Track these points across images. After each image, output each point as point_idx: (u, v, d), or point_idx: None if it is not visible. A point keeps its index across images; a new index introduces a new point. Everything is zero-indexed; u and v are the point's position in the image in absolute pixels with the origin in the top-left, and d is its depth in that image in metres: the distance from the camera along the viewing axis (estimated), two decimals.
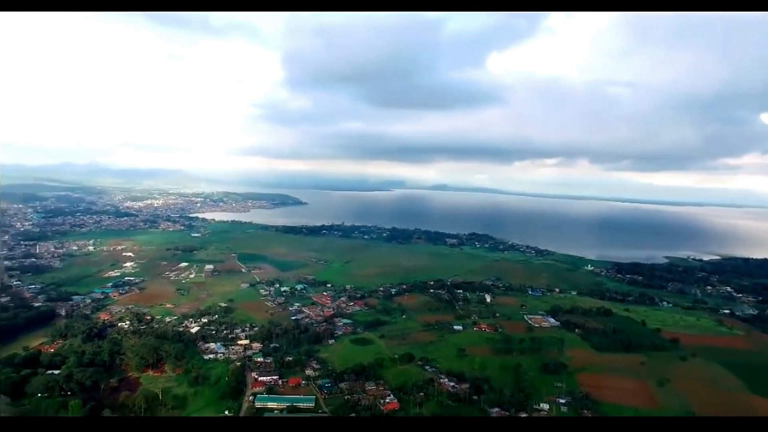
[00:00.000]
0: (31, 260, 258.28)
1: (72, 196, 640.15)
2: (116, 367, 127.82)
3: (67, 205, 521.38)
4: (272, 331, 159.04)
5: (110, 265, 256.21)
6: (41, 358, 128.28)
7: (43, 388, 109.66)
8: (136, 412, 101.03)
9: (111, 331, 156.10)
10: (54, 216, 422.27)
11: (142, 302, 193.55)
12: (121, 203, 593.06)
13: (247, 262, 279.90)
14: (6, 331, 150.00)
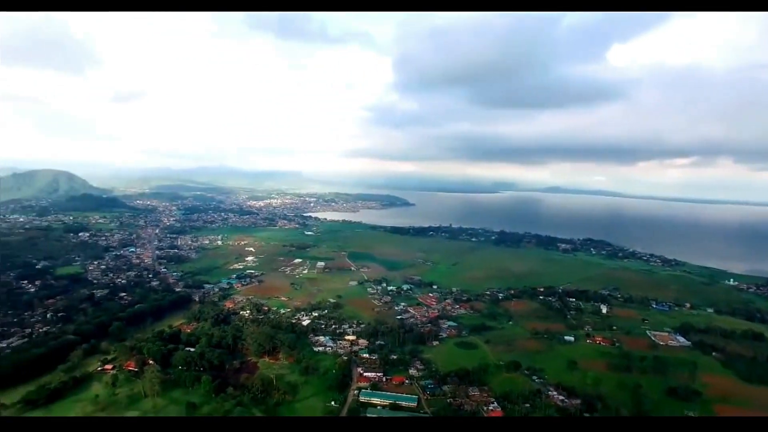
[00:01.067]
0: (174, 251, 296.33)
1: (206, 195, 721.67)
2: (238, 350, 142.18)
3: (201, 203, 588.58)
4: (378, 329, 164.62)
5: (235, 259, 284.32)
6: (181, 336, 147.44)
7: (183, 362, 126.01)
8: (254, 393, 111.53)
9: (234, 318, 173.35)
10: (191, 213, 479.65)
11: (260, 294, 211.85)
12: (244, 202, 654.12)
13: (356, 260, 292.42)
14: (156, 310, 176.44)
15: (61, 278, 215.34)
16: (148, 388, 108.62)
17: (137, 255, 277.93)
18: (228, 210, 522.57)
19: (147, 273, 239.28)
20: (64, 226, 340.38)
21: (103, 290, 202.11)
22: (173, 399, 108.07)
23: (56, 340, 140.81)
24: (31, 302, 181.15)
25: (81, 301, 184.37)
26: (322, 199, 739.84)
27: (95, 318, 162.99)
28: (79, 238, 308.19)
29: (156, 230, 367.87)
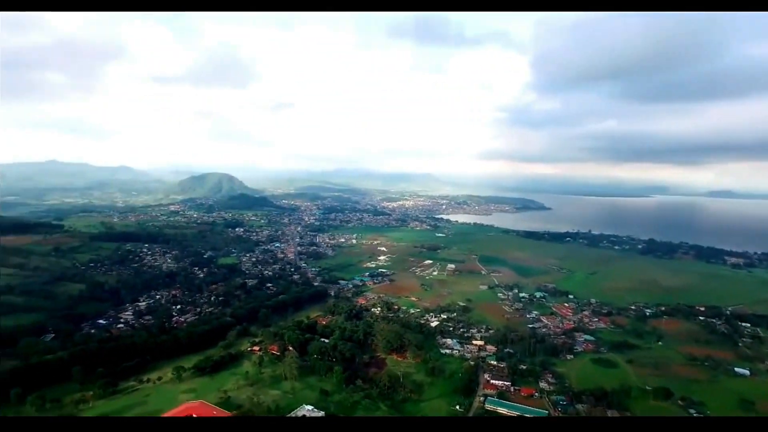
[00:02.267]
0: (313, 248, 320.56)
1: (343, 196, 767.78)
2: (368, 345, 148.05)
3: (338, 203, 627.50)
4: (508, 336, 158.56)
5: (368, 257, 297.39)
6: (317, 328, 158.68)
7: (317, 351, 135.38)
8: (381, 388, 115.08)
9: (366, 315, 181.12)
10: (330, 212, 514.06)
11: (391, 292, 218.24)
12: (379, 203, 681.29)
13: (486, 264, 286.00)
14: (297, 301, 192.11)
15: (221, 267, 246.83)
16: (288, 372, 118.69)
17: (282, 250, 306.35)
18: (363, 210, 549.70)
19: (289, 267, 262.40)
20: (225, 222, 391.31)
21: (253, 280, 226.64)
22: (308, 384, 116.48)
23: (218, 320, 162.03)
24: (200, 286, 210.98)
25: (236, 289, 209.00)
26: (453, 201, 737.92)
27: (247, 304, 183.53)
28: (235, 233, 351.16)
29: (298, 228, 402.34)
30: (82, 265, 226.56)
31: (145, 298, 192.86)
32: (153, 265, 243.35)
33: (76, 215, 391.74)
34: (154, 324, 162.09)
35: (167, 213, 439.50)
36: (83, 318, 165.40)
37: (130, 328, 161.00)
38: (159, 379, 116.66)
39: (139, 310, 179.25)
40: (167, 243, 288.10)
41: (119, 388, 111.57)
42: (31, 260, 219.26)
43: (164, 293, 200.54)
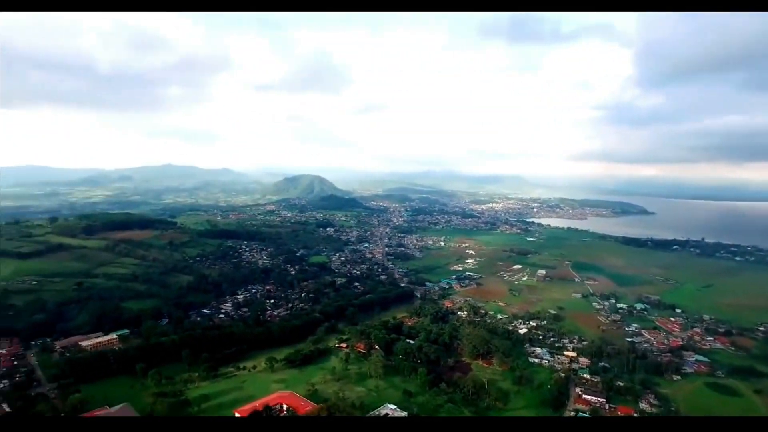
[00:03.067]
0: (401, 249, 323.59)
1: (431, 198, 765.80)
2: (453, 349, 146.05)
3: (426, 205, 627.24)
4: (603, 349, 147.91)
5: (455, 260, 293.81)
6: (403, 328, 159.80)
7: (403, 352, 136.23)
8: (465, 393, 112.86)
9: (452, 318, 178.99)
10: (417, 214, 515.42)
11: (478, 296, 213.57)
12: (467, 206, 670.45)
13: (580, 271, 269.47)
14: (383, 301, 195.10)
15: (312, 265, 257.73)
16: (373, 370, 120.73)
17: (370, 250, 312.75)
18: (451, 212, 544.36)
19: (377, 267, 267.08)
20: (316, 222, 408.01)
21: (341, 279, 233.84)
22: (392, 384, 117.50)
23: (307, 316, 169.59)
24: (292, 283, 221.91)
25: (326, 286, 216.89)
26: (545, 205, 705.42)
27: (335, 302, 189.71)
28: (326, 233, 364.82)
29: (386, 229, 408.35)
30: (190, 258, 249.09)
31: (243, 292, 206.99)
32: (250, 261, 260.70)
33: (186, 213, 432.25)
34: (250, 316, 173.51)
35: (264, 212, 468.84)
36: (191, 306, 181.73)
37: (229, 318, 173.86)
38: (254, 367, 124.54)
39: (238, 303, 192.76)
40: (263, 241, 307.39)
41: (219, 372, 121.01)
42: (150, 253, 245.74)
43: (259, 288, 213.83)
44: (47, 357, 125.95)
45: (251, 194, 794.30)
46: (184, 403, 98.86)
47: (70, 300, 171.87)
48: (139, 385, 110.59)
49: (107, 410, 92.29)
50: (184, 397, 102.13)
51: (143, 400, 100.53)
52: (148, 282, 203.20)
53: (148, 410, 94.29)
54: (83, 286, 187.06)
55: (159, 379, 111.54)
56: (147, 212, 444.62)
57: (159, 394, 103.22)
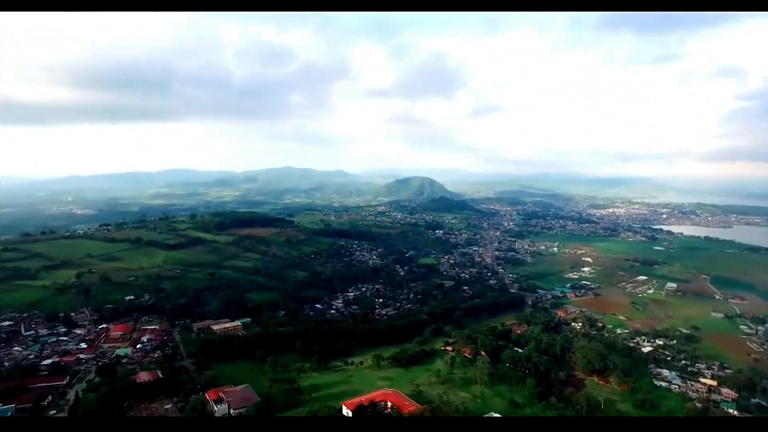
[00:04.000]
0: (511, 254, 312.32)
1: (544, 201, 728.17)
2: (566, 362, 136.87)
3: (540, 209, 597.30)
4: (755, 382, 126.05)
5: (570, 268, 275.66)
6: (511, 336, 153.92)
7: (510, 360, 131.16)
8: (578, 411, 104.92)
9: (564, 329, 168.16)
10: (530, 218, 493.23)
11: (595, 308, 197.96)
12: (585, 210, 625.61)
13: (723, 287, 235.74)
14: (491, 307, 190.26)
15: (421, 267, 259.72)
16: (479, 376, 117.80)
17: (479, 254, 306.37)
18: (566, 217, 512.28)
19: (486, 271, 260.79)
20: (426, 224, 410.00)
21: (450, 281, 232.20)
22: (498, 392, 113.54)
23: (414, 317, 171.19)
24: (401, 283, 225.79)
25: (434, 288, 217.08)
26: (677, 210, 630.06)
27: (443, 304, 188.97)
28: (435, 235, 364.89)
29: (497, 232, 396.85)
30: (306, 255, 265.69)
31: (353, 290, 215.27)
32: (361, 260, 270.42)
33: (302, 213, 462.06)
34: (359, 313, 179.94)
35: (375, 213, 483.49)
36: (305, 300, 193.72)
37: (339, 314, 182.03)
38: (361, 363, 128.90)
39: (348, 300, 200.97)
40: (374, 241, 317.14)
41: (329, 365, 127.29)
42: (271, 249, 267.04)
43: (369, 286, 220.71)
44: (187, 335, 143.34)
45: (363, 195, 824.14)
46: (296, 391, 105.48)
47: (204, 288, 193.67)
48: (258, 369, 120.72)
49: (232, 388, 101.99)
50: (297, 385, 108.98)
51: (261, 383, 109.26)
52: (268, 276, 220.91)
53: (265, 392, 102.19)
54: (215, 276, 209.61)
55: (275, 365, 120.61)
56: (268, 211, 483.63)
57: (275, 380, 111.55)
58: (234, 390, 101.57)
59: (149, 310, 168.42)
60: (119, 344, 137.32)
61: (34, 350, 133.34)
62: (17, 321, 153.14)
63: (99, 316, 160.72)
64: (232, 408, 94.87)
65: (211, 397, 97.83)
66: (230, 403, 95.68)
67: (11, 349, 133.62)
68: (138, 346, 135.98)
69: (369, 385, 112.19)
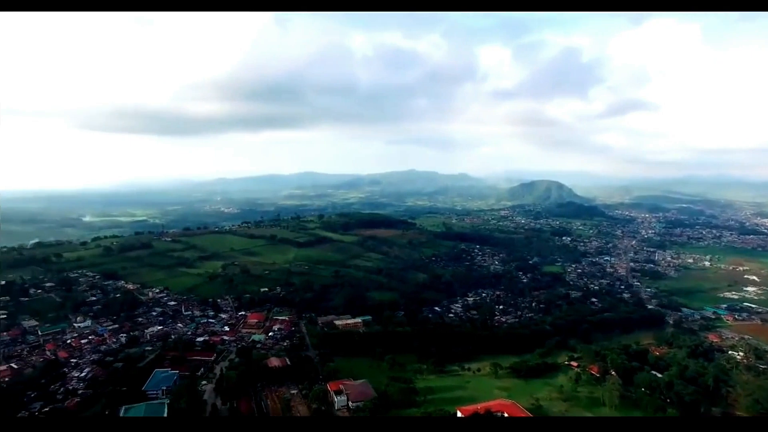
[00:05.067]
0: (650, 266, 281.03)
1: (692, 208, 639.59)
2: (720, 396, 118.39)
3: (686, 217, 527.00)
4: None
5: (727, 286, 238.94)
6: (648, 357, 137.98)
7: (646, 385, 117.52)
8: None
9: (719, 356, 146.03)
10: (673, 227, 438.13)
11: (762, 336, 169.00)
12: (748, 219, 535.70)
13: None
14: (624, 323, 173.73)
15: (545, 275, 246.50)
16: (607, 398, 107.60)
17: (611, 264, 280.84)
18: (723, 226, 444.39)
19: (619, 284, 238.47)
20: (551, 230, 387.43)
21: (577, 292, 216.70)
22: None
23: (536, 327, 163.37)
24: (523, 290, 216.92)
25: (558, 298, 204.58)
26: None
27: (568, 316, 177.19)
28: (561, 242, 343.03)
29: (632, 242, 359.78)
30: (426, 258, 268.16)
31: (473, 294, 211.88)
32: (482, 265, 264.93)
33: (424, 215, 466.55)
34: (478, 319, 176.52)
35: (497, 217, 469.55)
36: (424, 302, 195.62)
37: (458, 318, 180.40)
38: (478, 370, 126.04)
39: (467, 305, 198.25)
40: (496, 246, 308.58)
41: (446, 369, 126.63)
42: (393, 250, 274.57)
43: (489, 292, 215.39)
44: (312, 328, 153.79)
45: (486, 199, 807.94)
46: (412, 391, 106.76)
47: (329, 284, 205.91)
48: (376, 366, 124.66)
49: (351, 382, 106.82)
50: (413, 386, 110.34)
51: (379, 380, 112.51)
52: (389, 276, 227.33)
53: (382, 389, 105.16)
54: (339, 274, 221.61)
55: (393, 364, 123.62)
56: (391, 213, 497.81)
57: (392, 378, 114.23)
58: (353, 384, 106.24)
59: (280, 301, 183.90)
60: (254, 330, 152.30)
61: (191, 328, 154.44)
62: (179, 302, 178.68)
63: (239, 304, 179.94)
64: (350, 401, 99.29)
65: (332, 387, 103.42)
66: (349, 396, 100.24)
67: (176, 325, 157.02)
68: (270, 333, 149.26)
69: (485, 393, 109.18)
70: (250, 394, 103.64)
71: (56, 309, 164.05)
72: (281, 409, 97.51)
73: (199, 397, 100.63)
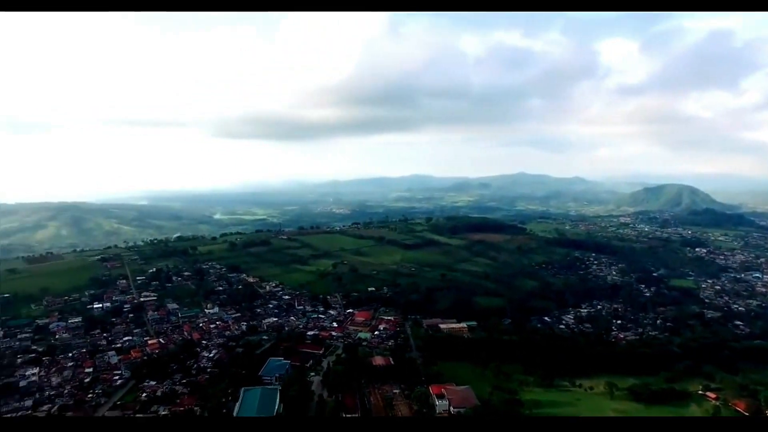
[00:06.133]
0: None
1: None
2: None
3: None
4: None
5: None
6: None
7: None
8: None
9: None
10: None
11: None
12: None
13: None
14: None
15: (673, 289, 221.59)
16: None
17: (763, 282, 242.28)
18: None
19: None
20: (682, 240, 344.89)
21: (714, 312, 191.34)
22: None
23: (662, 347, 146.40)
24: (645, 305, 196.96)
25: (690, 317, 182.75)
26: None
27: (702, 338, 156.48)
28: (695, 253, 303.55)
29: None
30: (536, 265, 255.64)
31: (587, 306, 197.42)
32: (598, 275, 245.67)
33: (535, 221, 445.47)
34: (592, 333, 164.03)
35: (616, 224, 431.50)
36: (532, 311, 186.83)
37: (569, 331, 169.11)
38: (591, 388, 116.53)
39: (580, 316, 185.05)
40: (614, 255, 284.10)
41: (554, 383, 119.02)
42: (501, 255, 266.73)
43: (605, 305, 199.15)
44: (417, 330, 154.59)
45: (604, 204, 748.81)
46: (516, 403, 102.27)
47: (435, 287, 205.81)
48: (479, 373, 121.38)
49: (453, 387, 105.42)
50: (518, 397, 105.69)
51: (482, 388, 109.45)
52: (497, 282, 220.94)
53: (485, 398, 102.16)
54: (446, 277, 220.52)
55: (497, 373, 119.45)
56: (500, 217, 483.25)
57: (496, 387, 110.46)
58: (455, 389, 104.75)
59: (387, 302, 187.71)
60: (361, 328, 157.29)
61: (302, 322, 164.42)
62: (293, 297, 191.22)
63: (347, 302, 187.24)
64: (452, 406, 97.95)
65: (434, 391, 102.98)
66: (451, 401, 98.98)
67: (289, 318, 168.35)
68: (375, 332, 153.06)
69: (598, 414, 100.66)
70: (355, 390, 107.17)
71: (191, 295, 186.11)
72: (384, 407, 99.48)
73: (307, 388, 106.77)
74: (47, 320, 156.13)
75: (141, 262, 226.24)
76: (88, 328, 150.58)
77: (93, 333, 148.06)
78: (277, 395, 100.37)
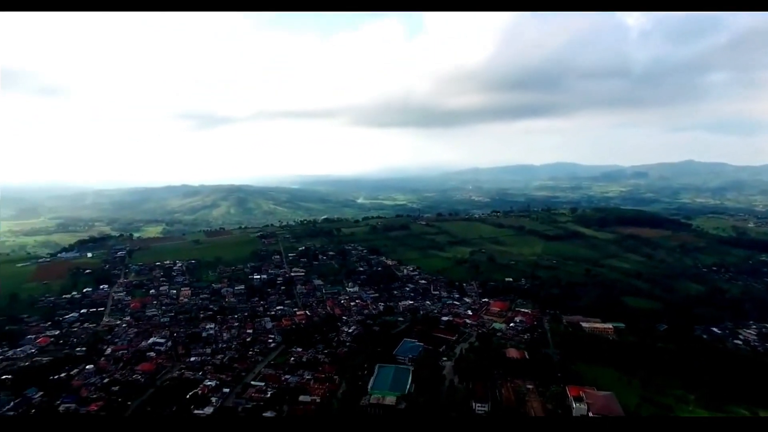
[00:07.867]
0: None
1: None
2: None
3: None
4: None
5: None
6: None
7: None
8: None
9: None
10: None
11: None
12: None
13: None
14: None
15: None
16: None
17: None
18: None
19: None
20: None
21: None
22: None
23: None
24: None
25: None
26: None
27: None
28: None
29: None
30: (704, 267, 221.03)
31: None
32: None
33: (704, 216, 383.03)
34: None
35: None
36: (697, 319, 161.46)
37: (748, 347, 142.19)
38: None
39: (765, 332, 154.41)
40: None
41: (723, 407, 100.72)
42: (657, 252, 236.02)
43: None
44: (555, 326, 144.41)
45: None
46: None
47: (578, 282, 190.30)
48: (625, 381, 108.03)
49: (594, 391, 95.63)
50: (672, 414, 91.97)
51: (628, 397, 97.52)
52: (651, 282, 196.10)
53: (631, 410, 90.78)
54: (590, 272, 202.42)
55: (647, 383, 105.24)
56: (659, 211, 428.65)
57: (645, 399, 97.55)
58: (596, 394, 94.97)
59: (524, 294, 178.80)
60: (496, 319, 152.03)
61: (437, 307, 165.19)
62: (429, 281, 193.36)
63: (483, 291, 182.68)
64: (591, 411, 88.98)
65: (572, 392, 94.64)
66: (590, 406, 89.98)
67: (425, 302, 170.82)
68: (511, 324, 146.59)
69: None
70: (486, 380, 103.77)
71: (334, 274, 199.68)
72: (515, 401, 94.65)
73: (439, 371, 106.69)
74: (219, 285, 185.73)
75: (292, 240, 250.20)
76: (249, 295, 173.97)
77: (252, 300, 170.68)
78: (409, 375, 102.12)
